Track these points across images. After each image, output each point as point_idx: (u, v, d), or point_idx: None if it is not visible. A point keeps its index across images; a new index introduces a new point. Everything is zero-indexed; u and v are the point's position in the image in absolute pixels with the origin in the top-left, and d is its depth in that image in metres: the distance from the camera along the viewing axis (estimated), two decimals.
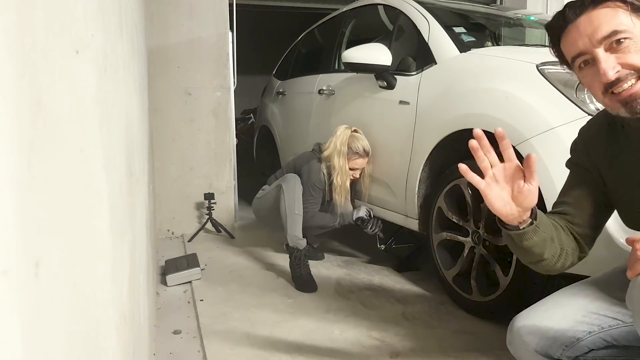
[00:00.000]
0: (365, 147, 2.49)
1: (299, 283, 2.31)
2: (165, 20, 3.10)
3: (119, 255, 0.74)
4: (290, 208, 2.42)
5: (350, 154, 2.48)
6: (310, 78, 3.35)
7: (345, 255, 2.79)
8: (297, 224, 2.41)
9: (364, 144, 2.50)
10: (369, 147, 2.51)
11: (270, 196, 2.56)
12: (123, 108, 0.93)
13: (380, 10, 2.95)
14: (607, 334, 1.15)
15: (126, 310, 0.80)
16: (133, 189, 1.05)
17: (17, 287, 0.31)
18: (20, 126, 0.33)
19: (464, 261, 2.01)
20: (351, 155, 2.48)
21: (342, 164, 2.47)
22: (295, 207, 2.42)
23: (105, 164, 0.64)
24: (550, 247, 1.09)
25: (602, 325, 1.15)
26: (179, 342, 1.79)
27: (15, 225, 0.31)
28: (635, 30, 0.95)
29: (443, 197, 2.09)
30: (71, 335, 0.45)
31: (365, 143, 2.51)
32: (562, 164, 1.60)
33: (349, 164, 2.49)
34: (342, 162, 2.47)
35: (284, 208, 2.43)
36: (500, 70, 1.91)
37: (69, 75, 0.47)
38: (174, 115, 3.19)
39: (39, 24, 0.38)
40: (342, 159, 2.47)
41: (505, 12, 3.20)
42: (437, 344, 1.75)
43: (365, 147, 2.50)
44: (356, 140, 2.49)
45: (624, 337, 1.13)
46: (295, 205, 2.42)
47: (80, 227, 0.50)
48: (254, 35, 6.81)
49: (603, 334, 1.15)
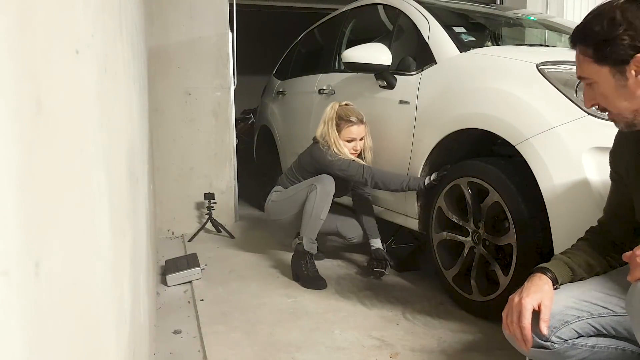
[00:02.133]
0: (357, 115, 2.42)
1: (308, 281, 2.31)
2: (165, 20, 3.10)
3: (119, 255, 0.74)
4: (317, 211, 2.33)
5: (342, 123, 2.40)
6: (311, 78, 3.35)
7: (345, 255, 2.79)
8: (316, 228, 2.36)
9: (355, 111, 2.43)
10: (361, 114, 2.43)
11: (299, 196, 2.42)
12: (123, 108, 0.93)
13: (380, 10, 2.95)
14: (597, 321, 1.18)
15: (126, 310, 0.80)
16: (133, 189, 1.05)
17: (17, 287, 0.31)
18: (20, 126, 0.33)
19: (464, 261, 2.01)
20: (343, 124, 2.40)
21: (334, 135, 2.40)
22: (322, 212, 2.34)
23: (105, 164, 0.64)
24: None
25: (592, 312, 1.18)
26: (179, 342, 1.79)
27: (15, 225, 0.31)
28: (597, 77, 1.10)
29: (443, 196, 2.09)
30: (71, 335, 0.45)
31: (357, 111, 2.43)
32: (562, 163, 1.61)
33: (344, 134, 2.41)
34: (333, 133, 2.40)
35: (311, 209, 2.33)
36: (500, 70, 1.91)
37: (69, 75, 0.47)
38: (174, 115, 3.19)
39: (39, 24, 0.38)
40: (332, 130, 2.40)
41: (505, 12, 3.20)
42: (437, 344, 1.75)
43: (357, 114, 2.42)
44: (346, 110, 2.43)
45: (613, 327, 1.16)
46: (323, 210, 2.34)
47: (80, 227, 0.50)
48: (254, 35, 6.82)
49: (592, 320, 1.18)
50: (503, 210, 1.81)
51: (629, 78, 1.05)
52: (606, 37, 1.05)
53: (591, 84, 1.12)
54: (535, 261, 1.71)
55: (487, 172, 1.87)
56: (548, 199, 1.61)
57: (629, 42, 1.03)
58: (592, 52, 1.09)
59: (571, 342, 1.19)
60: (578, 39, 1.13)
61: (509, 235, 1.79)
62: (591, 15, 1.11)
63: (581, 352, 1.20)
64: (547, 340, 1.19)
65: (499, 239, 1.85)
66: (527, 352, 1.23)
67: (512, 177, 1.78)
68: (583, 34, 1.12)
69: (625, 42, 1.03)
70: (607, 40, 1.05)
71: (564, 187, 1.58)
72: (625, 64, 1.04)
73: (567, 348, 1.20)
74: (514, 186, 1.76)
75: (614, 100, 1.09)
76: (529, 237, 1.72)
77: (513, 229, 1.76)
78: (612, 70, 1.07)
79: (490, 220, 1.92)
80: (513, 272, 1.77)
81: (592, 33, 1.08)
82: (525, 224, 1.73)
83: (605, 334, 1.16)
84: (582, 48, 1.12)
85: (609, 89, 1.08)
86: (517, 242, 1.75)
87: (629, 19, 1.03)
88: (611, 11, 1.06)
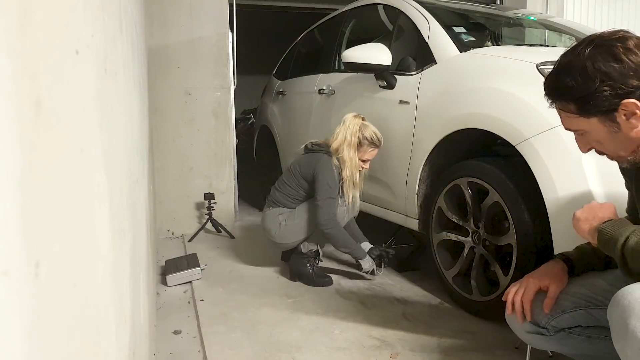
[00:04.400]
0: (379, 137, 2.34)
1: (313, 280, 2.33)
2: (165, 20, 3.10)
3: (119, 255, 0.74)
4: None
5: (365, 144, 2.32)
6: (310, 78, 3.35)
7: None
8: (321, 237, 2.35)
9: (377, 133, 2.34)
10: (381, 135, 2.35)
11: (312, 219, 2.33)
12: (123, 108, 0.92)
13: (380, 10, 2.95)
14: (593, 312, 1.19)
15: (126, 310, 0.80)
16: (133, 189, 1.05)
17: (17, 287, 0.31)
18: (20, 126, 0.33)
19: (464, 261, 2.01)
20: (366, 146, 2.32)
21: (352, 156, 2.31)
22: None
23: (105, 164, 0.64)
24: None
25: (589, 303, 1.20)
26: (179, 342, 1.79)
27: (15, 226, 0.31)
28: (588, 128, 1.07)
29: (443, 196, 2.09)
30: (71, 335, 0.45)
31: (378, 132, 2.35)
32: (562, 163, 1.61)
33: (362, 155, 2.34)
34: (352, 154, 2.31)
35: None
36: (500, 69, 1.91)
37: (69, 75, 0.47)
38: (174, 116, 3.19)
39: (39, 24, 0.38)
40: (352, 151, 2.31)
41: (505, 12, 3.20)
42: (437, 344, 1.75)
43: (380, 136, 2.34)
44: (369, 130, 2.33)
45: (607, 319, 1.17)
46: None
47: (81, 227, 0.50)
48: (254, 35, 6.82)
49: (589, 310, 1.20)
50: (503, 210, 1.81)
51: (621, 123, 1.02)
52: (585, 92, 1.02)
53: (583, 133, 1.10)
54: (535, 261, 1.72)
55: (487, 172, 1.86)
56: (548, 199, 1.61)
57: (610, 93, 1.00)
58: (575, 108, 1.06)
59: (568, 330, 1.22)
60: (555, 96, 1.10)
61: (509, 235, 1.79)
62: (560, 68, 1.07)
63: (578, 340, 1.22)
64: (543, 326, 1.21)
65: (499, 239, 1.85)
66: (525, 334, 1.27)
67: (512, 177, 1.78)
68: (559, 91, 1.08)
69: (607, 93, 1.00)
70: (587, 95, 1.02)
71: (564, 187, 1.58)
72: (613, 112, 1.02)
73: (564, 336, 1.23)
74: (514, 186, 1.76)
75: (610, 145, 1.07)
76: (529, 237, 1.72)
77: (513, 229, 1.76)
78: (601, 120, 1.04)
79: (490, 220, 1.92)
80: (513, 272, 1.77)
81: (569, 90, 1.05)
82: (525, 224, 1.73)
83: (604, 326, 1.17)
84: (562, 104, 1.09)
85: (603, 136, 1.06)
86: (517, 242, 1.75)
87: (602, 69, 1.00)
88: (581, 63, 1.02)
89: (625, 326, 0.93)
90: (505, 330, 1.83)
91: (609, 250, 1.06)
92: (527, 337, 1.28)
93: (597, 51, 1.01)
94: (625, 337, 0.93)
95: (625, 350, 0.94)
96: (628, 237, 1.02)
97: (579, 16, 4.48)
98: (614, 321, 0.98)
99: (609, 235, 1.06)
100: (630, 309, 0.93)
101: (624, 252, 1.02)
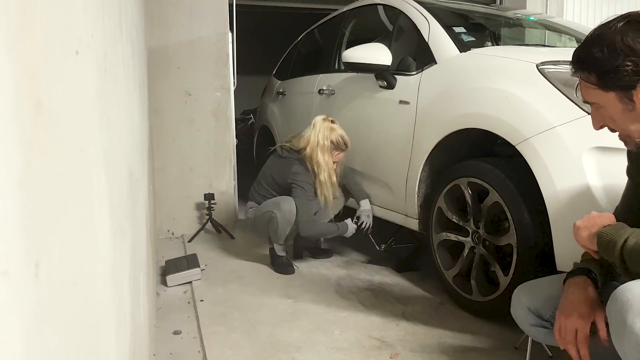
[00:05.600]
0: (346, 141, 2.45)
1: (274, 265, 2.53)
2: (165, 20, 3.10)
3: (119, 255, 0.74)
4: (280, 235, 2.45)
5: (333, 149, 2.42)
6: (310, 78, 3.35)
7: (345, 255, 2.78)
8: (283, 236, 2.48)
9: (344, 137, 2.44)
10: (348, 138, 2.46)
11: (263, 220, 2.50)
12: (123, 108, 0.92)
13: (380, 10, 2.95)
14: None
15: (126, 310, 0.80)
16: (133, 189, 1.05)
17: (17, 287, 0.31)
18: (20, 126, 0.33)
19: (464, 261, 2.01)
20: (333, 150, 2.43)
21: (328, 160, 2.41)
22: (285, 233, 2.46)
23: (105, 164, 0.64)
24: None
25: None
26: (179, 342, 1.79)
27: (15, 226, 0.31)
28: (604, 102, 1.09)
29: (443, 197, 2.09)
30: (71, 335, 0.45)
31: (345, 135, 2.45)
32: (562, 163, 1.61)
33: (333, 158, 2.45)
34: (327, 157, 2.41)
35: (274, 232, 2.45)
36: (500, 69, 1.91)
37: (69, 75, 0.47)
38: (174, 116, 3.19)
39: (39, 24, 0.38)
40: (327, 154, 2.41)
41: (505, 12, 3.20)
42: (437, 344, 1.75)
43: (347, 140, 2.45)
44: (337, 134, 2.43)
45: None
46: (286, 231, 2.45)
47: (80, 227, 0.50)
48: (254, 35, 6.81)
49: None
50: (503, 211, 1.81)
51: (636, 102, 1.04)
52: (609, 66, 1.04)
53: (598, 107, 1.12)
54: (535, 261, 1.72)
55: (487, 172, 1.86)
56: (548, 199, 1.61)
57: (633, 69, 1.02)
58: (596, 80, 1.08)
59: None
60: (579, 66, 1.12)
61: (509, 235, 1.79)
62: (591, 39, 1.09)
63: None
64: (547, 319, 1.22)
65: (499, 239, 1.85)
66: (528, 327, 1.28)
67: (512, 177, 1.78)
68: (584, 61, 1.10)
69: (629, 69, 1.02)
70: (610, 69, 1.04)
71: (564, 187, 1.58)
72: (631, 89, 1.04)
73: None
74: (514, 186, 1.76)
75: (623, 123, 1.09)
76: (529, 237, 1.72)
77: (513, 229, 1.76)
78: (618, 96, 1.06)
79: (490, 220, 1.92)
80: (513, 272, 1.77)
81: (594, 61, 1.07)
82: (525, 224, 1.73)
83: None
84: (584, 75, 1.11)
85: (617, 113, 1.08)
86: (517, 242, 1.75)
87: (630, 44, 1.02)
88: (611, 36, 1.04)
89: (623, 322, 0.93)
90: (505, 331, 1.83)
91: (608, 253, 1.07)
92: (531, 330, 1.30)
93: (629, 27, 1.03)
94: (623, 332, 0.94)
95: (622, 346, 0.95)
96: (627, 238, 1.03)
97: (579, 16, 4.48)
98: (613, 317, 0.99)
99: (608, 237, 1.06)
100: (629, 305, 0.94)
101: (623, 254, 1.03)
